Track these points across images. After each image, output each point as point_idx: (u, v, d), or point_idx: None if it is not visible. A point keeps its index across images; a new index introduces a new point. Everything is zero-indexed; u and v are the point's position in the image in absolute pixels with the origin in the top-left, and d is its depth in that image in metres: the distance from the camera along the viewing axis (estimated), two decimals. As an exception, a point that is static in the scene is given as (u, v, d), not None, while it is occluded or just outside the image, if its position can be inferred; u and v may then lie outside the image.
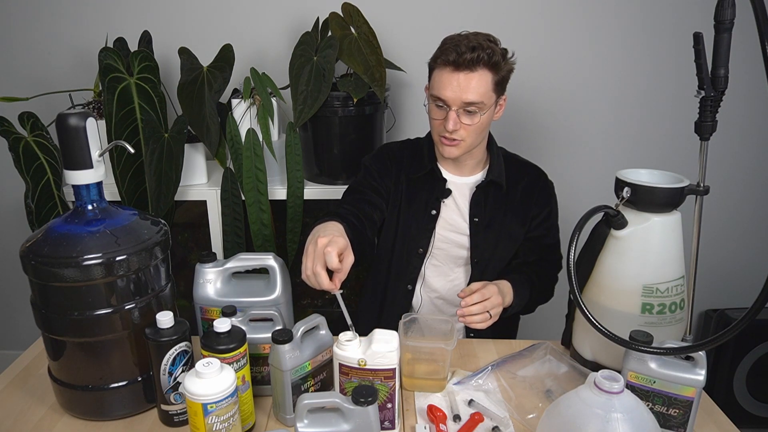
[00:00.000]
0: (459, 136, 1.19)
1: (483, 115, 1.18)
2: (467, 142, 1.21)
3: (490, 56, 1.14)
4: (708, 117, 0.91)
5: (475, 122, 1.18)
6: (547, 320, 1.85)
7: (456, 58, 1.14)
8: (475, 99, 1.15)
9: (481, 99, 1.16)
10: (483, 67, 1.15)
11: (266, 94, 1.60)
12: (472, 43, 1.14)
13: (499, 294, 1.12)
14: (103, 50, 1.51)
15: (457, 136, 1.19)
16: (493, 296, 1.10)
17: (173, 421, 0.93)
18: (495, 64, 1.15)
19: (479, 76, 1.15)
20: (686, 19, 1.79)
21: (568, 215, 1.39)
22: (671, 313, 0.96)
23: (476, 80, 1.15)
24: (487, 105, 1.18)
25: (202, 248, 1.90)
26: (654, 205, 0.95)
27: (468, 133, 1.20)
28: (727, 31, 0.86)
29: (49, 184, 1.61)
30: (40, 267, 0.86)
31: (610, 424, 0.72)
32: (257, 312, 0.97)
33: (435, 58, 1.20)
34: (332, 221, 1.10)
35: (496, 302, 1.10)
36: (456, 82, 1.15)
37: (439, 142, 1.24)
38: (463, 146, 1.22)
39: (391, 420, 0.91)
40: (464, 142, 1.21)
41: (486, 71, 1.15)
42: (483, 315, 1.08)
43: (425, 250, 1.32)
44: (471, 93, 1.15)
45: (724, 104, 0.91)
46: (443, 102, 1.18)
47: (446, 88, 1.16)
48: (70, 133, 0.87)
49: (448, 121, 1.17)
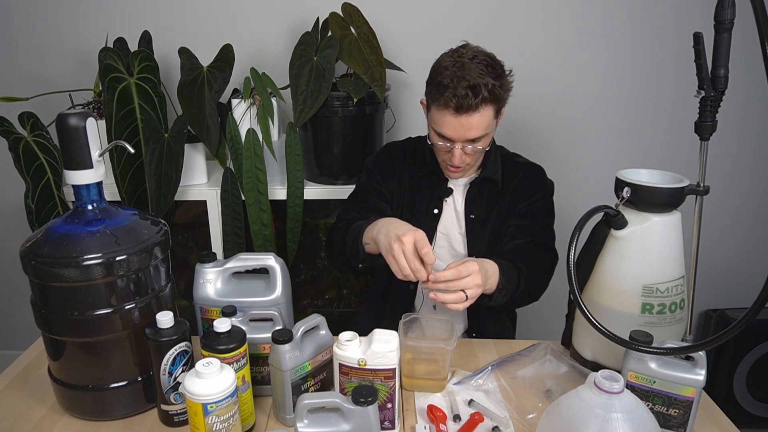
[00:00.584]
0: (464, 164, 1.22)
1: (487, 140, 1.20)
2: (474, 165, 1.26)
3: (491, 92, 1.11)
4: (708, 117, 0.91)
5: (479, 150, 1.20)
6: (547, 320, 1.86)
7: (457, 102, 1.10)
8: (479, 134, 1.16)
9: (485, 132, 1.17)
10: (485, 105, 1.12)
11: (266, 94, 1.60)
12: (471, 82, 1.09)
13: (480, 272, 0.99)
14: (103, 50, 1.51)
15: (461, 164, 1.22)
16: (471, 275, 0.97)
17: (173, 421, 0.93)
18: (496, 98, 1.13)
19: (481, 114, 1.13)
20: (686, 19, 1.79)
21: (568, 215, 1.39)
22: (671, 313, 0.96)
23: (478, 118, 1.13)
24: (490, 132, 1.20)
25: (202, 248, 1.90)
26: (654, 205, 0.95)
27: (473, 160, 1.23)
28: (727, 31, 0.86)
29: (49, 184, 1.61)
30: (40, 267, 0.86)
31: (610, 424, 0.72)
32: (257, 312, 0.97)
33: (433, 96, 1.15)
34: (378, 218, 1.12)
35: (474, 282, 0.97)
36: (459, 123, 1.14)
37: (444, 167, 1.27)
38: (468, 169, 1.26)
39: (391, 420, 0.91)
40: (470, 165, 1.25)
41: (487, 107, 1.13)
42: (457, 295, 0.97)
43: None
44: (474, 130, 1.15)
45: (724, 104, 0.91)
46: (446, 139, 1.18)
47: (449, 128, 1.16)
48: (70, 133, 0.87)
49: (454, 156, 1.19)
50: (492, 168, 1.30)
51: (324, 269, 1.96)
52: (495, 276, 1.06)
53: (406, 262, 0.97)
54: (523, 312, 1.73)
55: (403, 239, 0.97)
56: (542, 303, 1.35)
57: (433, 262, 0.98)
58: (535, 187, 1.31)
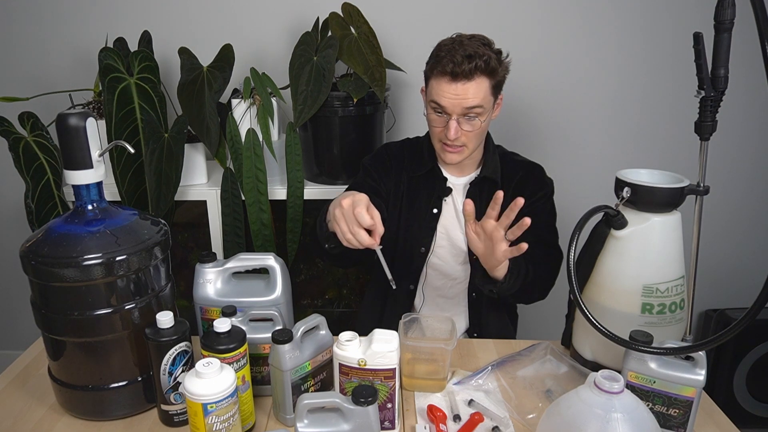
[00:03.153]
0: (460, 143, 1.21)
1: (483, 119, 1.19)
2: (469, 147, 1.23)
3: (487, 63, 1.14)
4: (708, 117, 0.91)
5: (476, 128, 1.19)
6: (547, 320, 1.85)
7: (453, 68, 1.13)
8: (474, 103, 1.16)
9: (480, 103, 1.16)
10: (480, 74, 1.15)
11: (266, 94, 1.60)
12: (468, 52, 1.13)
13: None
14: (103, 50, 1.51)
15: (458, 143, 1.21)
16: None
17: (173, 421, 0.93)
18: (492, 70, 1.16)
19: (477, 84, 1.15)
20: (686, 19, 1.79)
21: (568, 215, 1.39)
22: (671, 313, 0.96)
23: (474, 88, 1.15)
24: (486, 109, 1.19)
25: (202, 248, 1.90)
26: (654, 205, 0.95)
27: (469, 139, 1.21)
28: (727, 31, 0.86)
29: (49, 184, 1.61)
30: (40, 267, 0.86)
31: (610, 424, 0.72)
32: (257, 312, 0.97)
33: (431, 67, 1.19)
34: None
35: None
36: (454, 91, 1.15)
37: (440, 149, 1.25)
38: (465, 151, 1.24)
39: (391, 420, 0.91)
40: (466, 147, 1.23)
41: (483, 78, 1.16)
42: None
43: (427, 249, 1.33)
44: (470, 99, 1.16)
45: (724, 104, 0.91)
46: (442, 110, 1.18)
47: (445, 96, 1.16)
48: (70, 133, 0.87)
49: (449, 129, 1.18)
50: (491, 167, 1.30)
51: (324, 269, 1.96)
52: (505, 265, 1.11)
53: (346, 226, 0.97)
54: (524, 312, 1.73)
55: (342, 202, 0.96)
56: (542, 303, 1.35)
57: (367, 224, 0.95)
58: (536, 186, 1.31)
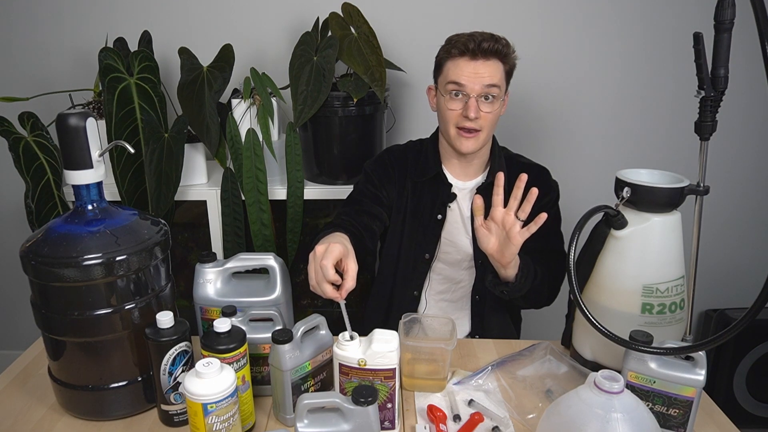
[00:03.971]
0: (478, 125, 1.20)
1: (498, 104, 1.21)
2: (484, 132, 1.22)
3: (504, 47, 1.19)
4: (708, 117, 0.91)
5: (494, 109, 1.21)
6: (547, 320, 1.85)
7: (474, 47, 1.17)
8: (493, 82, 1.18)
9: (498, 83, 1.19)
10: (496, 57, 1.19)
11: (266, 94, 1.60)
12: (485, 36, 1.18)
13: None
14: (103, 50, 1.51)
15: (476, 125, 1.20)
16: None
17: (173, 421, 0.93)
18: (505, 55, 1.21)
19: (494, 65, 1.19)
20: (686, 19, 1.79)
21: (568, 215, 1.39)
22: (671, 313, 0.96)
23: (492, 67, 1.19)
24: (501, 93, 1.21)
25: (202, 248, 1.90)
26: (654, 205, 0.95)
27: (486, 122, 1.21)
28: (727, 31, 0.86)
29: (49, 184, 1.61)
30: (40, 267, 0.86)
31: (610, 424, 0.72)
32: (257, 312, 0.97)
33: (448, 50, 1.22)
34: (334, 232, 1.07)
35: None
36: (474, 68, 1.18)
37: (456, 135, 1.23)
38: (481, 137, 1.23)
39: (391, 420, 0.91)
40: (482, 132, 1.22)
41: (498, 62, 1.20)
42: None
43: (432, 255, 1.32)
44: (489, 77, 1.18)
45: (724, 104, 0.91)
46: (461, 90, 1.19)
47: (464, 75, 1.18)
48: (70, 133, 0.87)
49: (469, 108, 1.18)
50: (497, 170, 1.28)
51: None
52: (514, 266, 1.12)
53: (313, 274, 0.92)
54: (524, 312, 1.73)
55: (316, 249, 0.92)
56: (542, 303, 1.35)
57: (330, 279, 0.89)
58: (543, 190, 1.27)
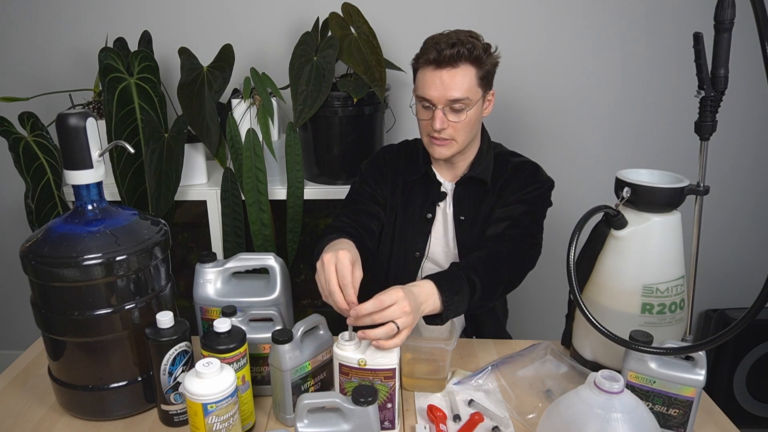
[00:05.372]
0: (447, 135, 1.18)
1: (469, 111, 1.17)
2: (457, 141, 1.20)
3: (471, 51, 1.13)
4: (708, 117, 0.92)
5: (462, 119, 1.17)
6: (547, 320, 1.85)
7: (437, 56, 1.13)
8: (459, 95, 1.14)
9: (465, 95, 1.15)
10: (465, 62, 1.14)
11: (266, 94, 1.60)
12: (452, 40, 1.13)
13: (407, 298, 0.88)
14: (103, 50, 1.51)
15: (445, 135, 1.18)
16: (397, 302, 0.87)
17: (173, 421, 0.93)
18: (477, 58, 1.14)
19: (462, 72, 1.14)
20: (686, 19, 1.79)
21: (568, 215, 1.39)
22: (671, 313, 0.96)
23: (459, 76, 1.14)
24: (473, 100, 1.17)
25: (202, 248, 1.90)
26: (654, 205, 0.95)
27: (456, 131, 1.18)
28: (727, 31, 0.86)
29: (49, 184, 1.61)
30: (40, 267, 0.86)
31: (610, 424, 0.72)
32: (257, 312, 0.97)
33: (417, 58, 1.19)
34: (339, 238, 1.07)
35: (401, 310, 0.87)
36: (439, 80, 1.14)
37: (428, 143, 1.23)
38: (453, 145, 1.21)
39: (391, 420, 0.91)
40: (454, 141, 1.20)
41: (468, 66, 1.14)
42: (386, 327, 0.86)
43: (422, 253, 1.32)
44: (455, 90, 1.14)
45: (724, 104, 0.91)
46: (429, 102, 1.17)
47: (430, 87, 1.15)
48: (70, 133, 0.87)
49: (435, 120, 1.16)
50: (481, 167, 1.26)
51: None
52: (431, 297, 0.95)
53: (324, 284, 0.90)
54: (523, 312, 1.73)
55: (324, 258, 0.90)
56: (542, 303, 1.35)
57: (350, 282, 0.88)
58: (525, 182, 1.25)
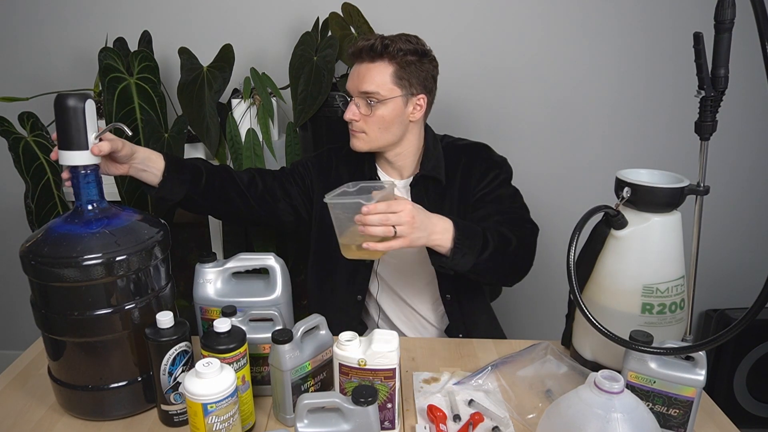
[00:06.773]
0: (358, 128, 1.20)
1: (383, 108, 1.17)
2: (368, 134, 1.21)
3: (386, 47, 1.14)
4: (708, 117, 0.91)
5: (375, 113, 1.17)
6: (547, 320, 1.85)
7: (355, 49, 1.18)
8: (370, 89, 1.15)
9: (377, 89, 1.15)
10: (383, 59, 1.16)
11: (266, 94, 1.60)
12: (376, 37, 1.16)
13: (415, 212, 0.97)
14: (103, 50, 1.51)
15: (356, 127, 1.20)
16: (403, 211, 0.95)
17: (173, 421, 0.93)
18: (393, 56, 1.15)
19: (378, 68, 1.16)
20: (686, 19, 1.79)
21: (568, 215, 1.39)
22: (671, 313, 0.96)
23: (375, 71, 1.16)
24: (386, 97, 1.16)
25: (202, 248, 1.90)
26: (654, 205, 0.95)
27: (367, 125, 1.19)
28: (727, 31, 0.86)
29: (49, 184, 1.61)
30: (40, 267, 0.86)
31: (610, 424, 0.72)
32: (257, 312, 0.97)
33: None
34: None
35: (404, 219, 0.95)
36: (356, 72, 1.18)
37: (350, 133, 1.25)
38: (365, 139, 1.21)
39: (391, 420, 0.91)
40: (366, 135, 1.21)
41: (385, 63, 1.16)
42: (385, 228, 0.94)
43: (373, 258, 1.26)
44: (367, 83, 1.16)
45: (724, 104, 0.91)
46: (348, 93, 1.21)
47: (349, 78, 1.20)
48: (68, 113, 0.87)
49: (348, 110, 1.19)
50: (431, 164, 1.24)
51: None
52: (446, 231, 1.03)
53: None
54: (523, 312, 1.73)
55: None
56: (542, 303, 1.35)
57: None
58: (484, 168, 1.24)
